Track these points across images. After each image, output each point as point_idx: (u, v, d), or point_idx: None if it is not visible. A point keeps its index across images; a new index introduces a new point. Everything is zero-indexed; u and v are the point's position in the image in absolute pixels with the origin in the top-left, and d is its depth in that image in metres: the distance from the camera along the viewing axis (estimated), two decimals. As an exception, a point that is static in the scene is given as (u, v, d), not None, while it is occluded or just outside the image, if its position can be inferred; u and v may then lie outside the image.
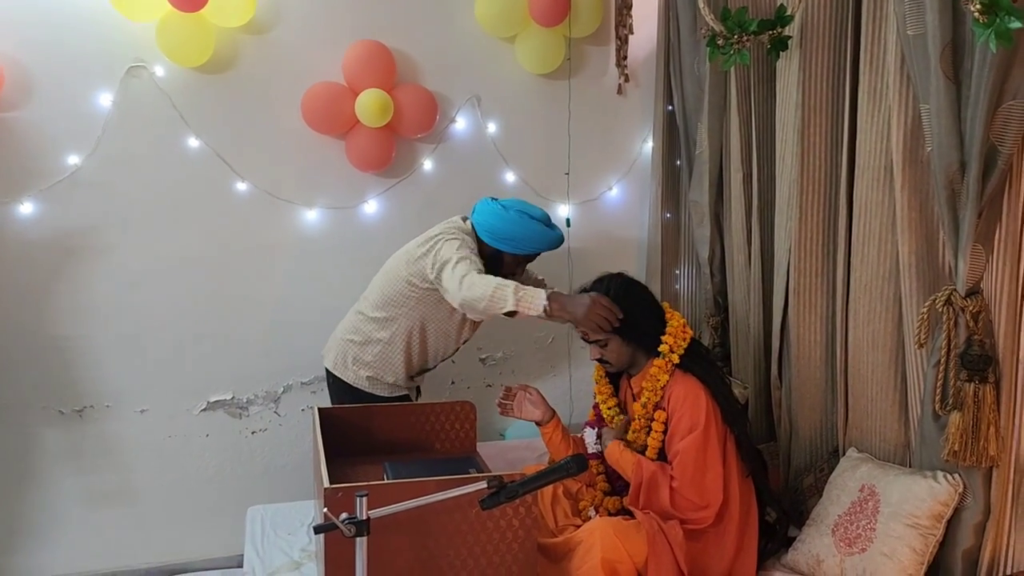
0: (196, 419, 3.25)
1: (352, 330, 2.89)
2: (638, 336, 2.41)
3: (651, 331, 2.41)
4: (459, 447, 2.72)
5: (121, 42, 2.99)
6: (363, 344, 2.85)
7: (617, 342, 2.42)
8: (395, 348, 2.82)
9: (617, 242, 3.66)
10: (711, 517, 2.30)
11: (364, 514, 1.68)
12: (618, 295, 2.41)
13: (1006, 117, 1.93)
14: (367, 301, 2.88)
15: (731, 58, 2.65)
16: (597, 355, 2.46)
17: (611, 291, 2.41)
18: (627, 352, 2.44)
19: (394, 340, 2.81)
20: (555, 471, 1.86)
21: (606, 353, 2.44)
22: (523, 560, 2.08)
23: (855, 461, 2.44)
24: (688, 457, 2.29)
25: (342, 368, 2.89)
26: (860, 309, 2.47)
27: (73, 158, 2.99)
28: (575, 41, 3.47)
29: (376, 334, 2.82)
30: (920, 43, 2.05)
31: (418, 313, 2.78)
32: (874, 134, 2.38)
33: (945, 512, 2.15)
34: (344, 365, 2.88)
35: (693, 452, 2.29)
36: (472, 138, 3.45)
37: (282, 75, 3.18)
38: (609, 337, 2.41)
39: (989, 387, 2.07)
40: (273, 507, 2.82)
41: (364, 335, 2.85)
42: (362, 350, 2.85)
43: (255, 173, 3.20)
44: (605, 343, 2.42)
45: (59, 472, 3.12)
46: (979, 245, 2.04)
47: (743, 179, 3.02)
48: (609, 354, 2.44)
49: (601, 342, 2.42)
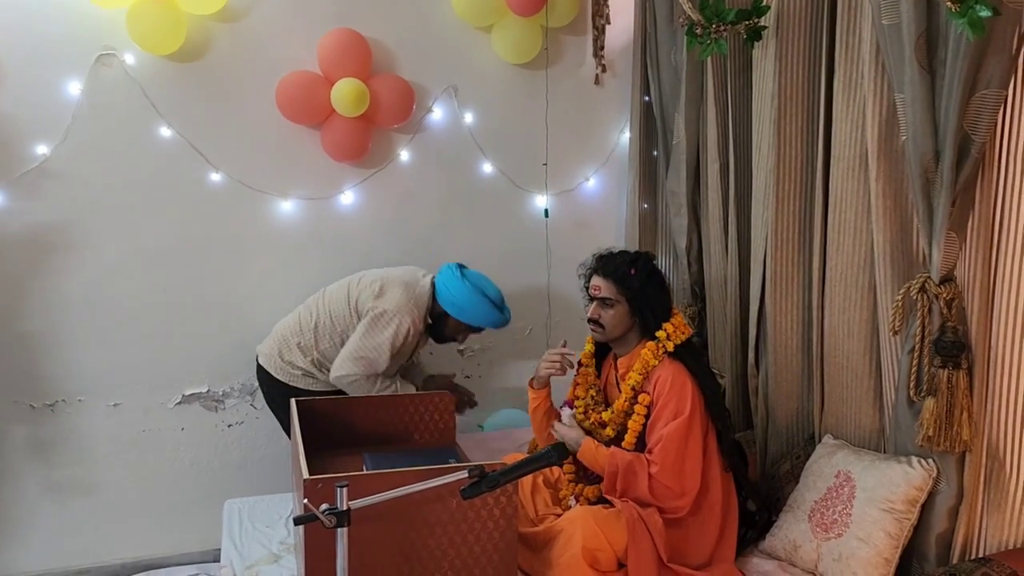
0: (171, 412, 3.21)
1: (296, 332, 2.98)
2: (644, 312, 2.42)
3: (658, 313, 2.43)
4: (438, 438, 2.71)
5: (90, 29, 2.94)
6: (305, 348, 2.96)
7: (623, 309, 2.43)
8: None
9: (595, 232, 3.66)
10: (687, 506, 2.32)
11: (344, 505, 1.67)
12: (644, 267, 2.44)
13: (979, 106, 1.95)
14: (317, 318, 2.99)
15: (708, 47, 2.66)
16: (596, 315, 2.46)
17: (640, 262, 2.45)
18: (626, 324, 2.44)
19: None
20: (536, 460, 1.87)
21: (605, 316, 2.44)
22: (504, 549, 2.08)
23: (831, 448, 2.47)
24: (671, 443, 2.30)
25: (277, 366, 2.97)
26: (836, 297, 2.50)
27: (42, 148, 2.93)
28: (552, 31, 3.47)
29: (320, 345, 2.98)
30: (895, 33, 2.07)
31: None
32: (849, 124, 2.40)
33: (919, 497, 2.18)
34: (279, 364, 2.98)
35: (676, 439, 2.30)
36: (449, 128, 3.43)
37: (256, 64, 3.14)
38: (618, 300, 2.42)
39: (962, 373, 2.10)
40: (251, 500, 2.80)
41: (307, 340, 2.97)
42: (302, 352, 2.96)
43: (229, 163, 3.16)
44: (611, 304, 2.43)
45: (30, 467, 3.07)
46: (953, 233, 2.06)
47: (720, 169, 3.03)
48: (608, 318, 2.44)
49: (608, 302, 2.43)
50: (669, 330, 2.40)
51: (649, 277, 2.44)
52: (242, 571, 2.34)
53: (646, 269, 2.45)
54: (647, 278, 2.43)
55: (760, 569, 2.38)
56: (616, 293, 2.42)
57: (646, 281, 2.42)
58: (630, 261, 2.44)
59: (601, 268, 2.46)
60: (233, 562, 2.39)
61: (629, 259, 2.45)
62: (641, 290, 2.41)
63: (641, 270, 2.43)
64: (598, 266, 2.48)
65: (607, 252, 2.51)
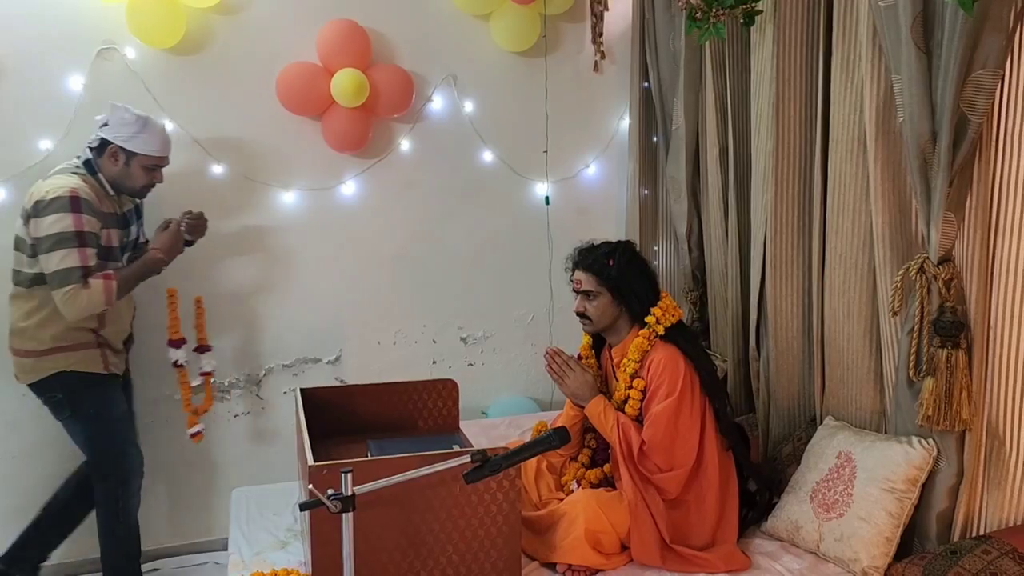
0: (177, 404, 3.23)
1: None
2: (628, 299, 2.44)
3: (643, 298, 2.44)
4: (442, 425, 2.73)
5: (91, 24, 2.95)
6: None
7: (606, 299, 2.45)
8: None
9: (595, 219, 3.68)
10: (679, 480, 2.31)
11: (349, 490, 1.69)
12: (623, 256, 2.45)
13: (976, 86, 1.96)
14: None
15: (707, 32, 2.66)
16: (581, 308, 2.48)
17: (618, 252, 2.46)
18: (612, 313, 2.46)
19: None
20: (538, 444, 1.89)
21: (590, 307, 2.46)
22: (508, 533, 2.10)
23: (832, 429, 2.49)
24: (660, 422, 2.32)
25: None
26: (835, 279, 2.51)
27: (45, 142, 2.95)
28: (550, 18, 3.47)
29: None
30: (892, 14, 2.07)
31: None
32: (847, 106, 2.40)
33: (920, 476, 2.20)
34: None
35: (665, 418, 2.32)
36: (449, 117, 3.44)
37: (256, 56, 3.15)
38: (599, 291, 2.43)
39: (961, 353, 2.11)
40: (257, 489, 2.83)
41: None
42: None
43: (231, 155, 3.18)
44: (594, 296, 2.44)
45: (40, 460, 3.09)
46: (950, 213, 2.07)
47: (719, 154, 3.04)
48: (593, 309, 2.46)
49: (591, 294, 2.45)
50: (658, 314, 2.41)
51: (629, 264, 2.45)
52: (250, 558, 2.36)
53: (625, 257, 2.46)
54: (627, 265, 2.44)
55: (762, 550, 2.40)
56: (597, 284, 2.44)
57: (626, 268, 2.44)
58: (608, 252, 2.46)
59: (581, 262, 2.49)
60: (241, 549, 2.42)
61: (608, 250, 2.47)
62: (621, 278, 2.42)
63: (619, 259, 2.44)
64: (579, 259, 2.50)
65: (588, 245, 2.53)
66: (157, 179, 2.81)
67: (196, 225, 2.92)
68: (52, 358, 2.68)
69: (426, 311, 3.54)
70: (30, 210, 2.59)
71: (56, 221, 2.52)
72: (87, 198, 2.59)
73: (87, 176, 2.68)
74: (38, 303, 2.65)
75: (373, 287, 3.45)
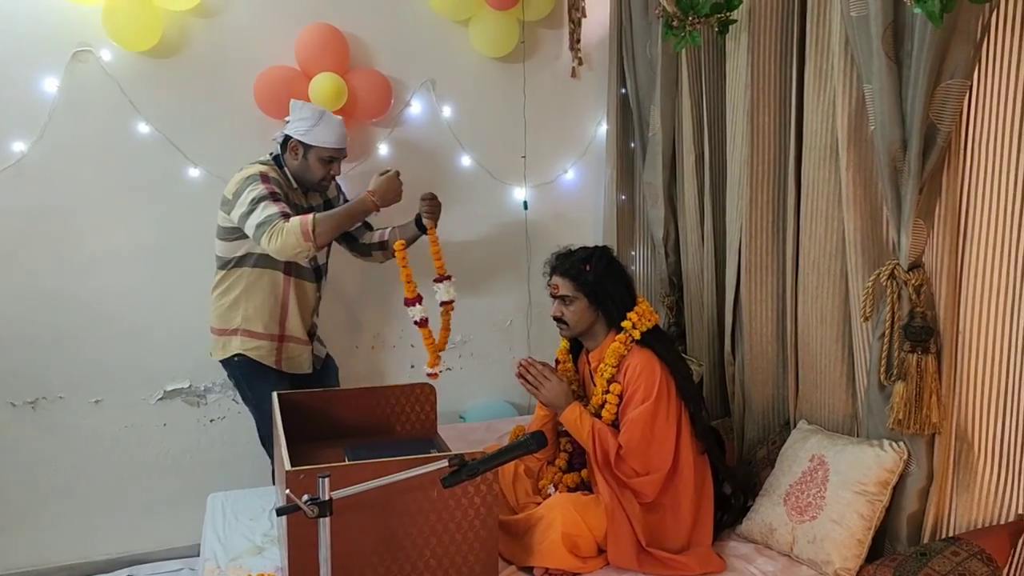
0: (153, 408, 3.22)
1: None
2: (605, 304, 2.46)
3: (619, 303, 2.46)
4: (420, 430, 2.74)
5: (65, 26, 2.93)
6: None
7: (583, 304, 2.46)
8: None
9: (573, 224, 3.70)
10: (655, 484, 2.34)
11: (327, 495, 1.69)
12: (599, 262, 2.47)
13: (944, 96, 2.00)
14: None
15: (683, 40, 2.69)
16: (558, 313, 2.50)
17: (595, 258, 2.48)
18: (589, 318, 2.48)
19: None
20: (515, 448, 1.89)
21: (567, 312, 2.48)
22: (485, 537, 2.11)
23: (805, 432, 2.52)
24: (636, 427, 2.34)
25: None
26: (809, 285, 2.54)
27: (19, 145, 2.92)
28: (529, 24, 3.49)
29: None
30: (863, 24, 2.11)
31: None
32: (820, 114, 2.44)
33: (891, 479, 2.23)
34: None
35: (641, 423, 2.34)
36: (427, 122, 3.45)
37: (234, 59, 3.14)
38: (576, 296, 2.45)
39: (931, 357, 2.15)
40: (233, 494, 2.81)
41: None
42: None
43: (208, 159, 3.16)
44: (571, 301, 2.46)
45: (13, 465, 3.07)
46: (920, 220, 2.11)
47: (695, 160, 3.07)
48: (570, 314, 2.48)
49: (567, 299, 2.46)
50: (634, 319, 2.44)
51: (606, 269, 2.48)
52: (226, 563, 2.35)
53: (602, 262, 2.48)
54: (604, 271, 2.47)
55: (737, 552, 2.42)
56: (573, 289, 2.46)
57: (603, 274, 2.46)
58: (585, 258, 2.48)
59: (558, 267, 2.51)
60: (217, 555, 2.40)
61: (585, 256, 2.49)
62: (598, 283, 2.44)
63: (596, 264, 2.46)
64: (556, 264, 2.52)
65: (565, 250, 2.55)
66: (335, 172, 2.93)
67: (432, 207, 3.00)
68: (236, 339, 2.87)
69: (404, 316, 3.50)
70: (229, 197, 2.77)
71: (251, 191, 2.71)
72: (275, 176, 2.79)
73: (275, 167, 2.85)
74: (229, 285, 2.86)
75: (348, 291, 3.44)
